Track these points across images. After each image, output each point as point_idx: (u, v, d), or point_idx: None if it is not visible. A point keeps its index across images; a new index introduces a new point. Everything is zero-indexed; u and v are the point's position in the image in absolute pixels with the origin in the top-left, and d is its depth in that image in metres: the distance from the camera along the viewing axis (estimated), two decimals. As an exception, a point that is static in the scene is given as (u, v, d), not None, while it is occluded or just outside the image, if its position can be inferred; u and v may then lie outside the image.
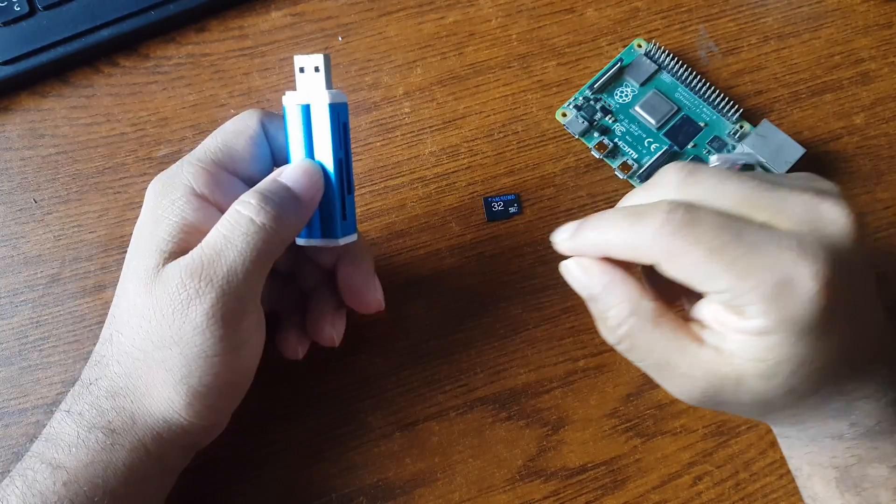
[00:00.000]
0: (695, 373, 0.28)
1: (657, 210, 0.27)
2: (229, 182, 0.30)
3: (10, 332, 0.37)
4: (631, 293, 0.29)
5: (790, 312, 0.25)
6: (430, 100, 0.42)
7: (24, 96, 0.41)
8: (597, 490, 0.35)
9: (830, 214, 0.27)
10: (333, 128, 0.30)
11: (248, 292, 0.28)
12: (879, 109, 0.42)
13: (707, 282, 0.26)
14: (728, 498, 0.35)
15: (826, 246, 0.26)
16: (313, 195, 0.30)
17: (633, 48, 0.42)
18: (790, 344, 0.26)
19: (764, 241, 0.26)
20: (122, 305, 0.29)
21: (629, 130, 0.40)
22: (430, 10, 0.43)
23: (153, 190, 0.30)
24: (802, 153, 0.38)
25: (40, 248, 0.38)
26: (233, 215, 0.28)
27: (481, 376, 0.36)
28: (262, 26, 0.43)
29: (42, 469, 0.28)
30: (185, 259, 0.27)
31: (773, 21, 0.43)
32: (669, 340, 0.28)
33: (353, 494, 0.34)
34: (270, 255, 0.28)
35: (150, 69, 0.42)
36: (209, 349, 0.27)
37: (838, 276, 0.26)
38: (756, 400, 0.28)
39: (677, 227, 0.26)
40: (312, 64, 0.30)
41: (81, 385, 0.29)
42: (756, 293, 0.26)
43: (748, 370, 0.27)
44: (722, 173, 0.28)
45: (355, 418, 0.36)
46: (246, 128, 0.31)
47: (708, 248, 0.26)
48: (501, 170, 0.40)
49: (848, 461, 0.30)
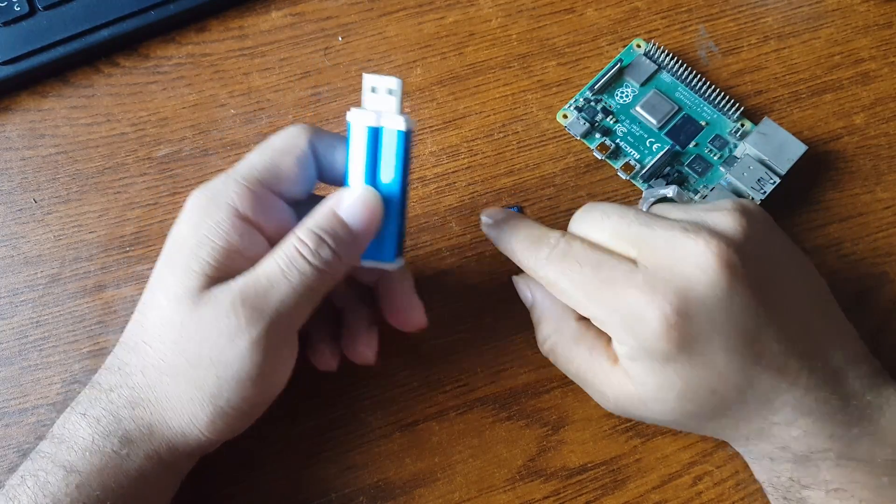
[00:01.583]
0: (605, 390, 0.31)
1: (547, 240, 0.31)
2: (272, 203, 0.29)
3: (10, 332, 0.37)
4: (557, 311, 0.33)
5: (645, 343, 0.28)
6: (430, 100, 0.42)
7: (24, 96, 0.41)
8: (597, 490, 0.35)
9: (686, 249, 0.28)
10: (403, 154, 0.29)
11: (293, 326, 0.29)
12: (879, 109, 0.42)
13: (577, 308, 0.30)
14: (728, 498, 0.35)
15: (675, 280, 0.28)
16: (372, 230, 0.29)
17: (632, 48, 0.42)
18: (658, 370, 0.29)
19: (618, 276, 0.29)
20: (151, 317, 0.29)
21: (630, 131, 0.40)
22: (429, 10, 0.43)
23: (196, 204, 0.29)
24: (804, 150, 0.38)
25: (40, 248, 0.38)
26: (290, 251, 0.28)
27: (481, 376, 0.36)
28: (262, 26, 0.43)
29: (55, 471, 0.28)
30: (236, 285, 0.27)
31: (773, 21, 0.43)
32: (586, 359, 0.32)
33: (353, 494, 0.34)
34: (321, 292, 0.29)
35: (150, 69, 0.42)
36: (245, 374, 0.27)
37: (684, 310, 0.27)
38: (664, 419, 0.31)
39: (554, 259, 0.30)
40: (386, 86, 0.29)
41: (99, 389, 0.29)
42: (612, 323, 0.29)
43: (642, 393, 0.30)
44: (610, 209, 0.31)
45: (355, 418, 0.36)
46: (293, 147, 0.30)
47: (572, 280, 0.30)
48: (501, 170, 0.40)
49: (785, 483, 0.30)
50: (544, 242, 0.31)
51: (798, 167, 0.38)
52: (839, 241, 0.39)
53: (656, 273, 0.28)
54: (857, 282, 0.38)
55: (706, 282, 0.28)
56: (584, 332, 0.32)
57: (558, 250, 0.30)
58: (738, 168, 0.38)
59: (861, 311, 0.32)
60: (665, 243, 0.29)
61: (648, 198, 0.37)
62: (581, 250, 0.30)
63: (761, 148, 0.38)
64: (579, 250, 0.30)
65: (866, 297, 0.38)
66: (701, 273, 0.28)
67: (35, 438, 0.35)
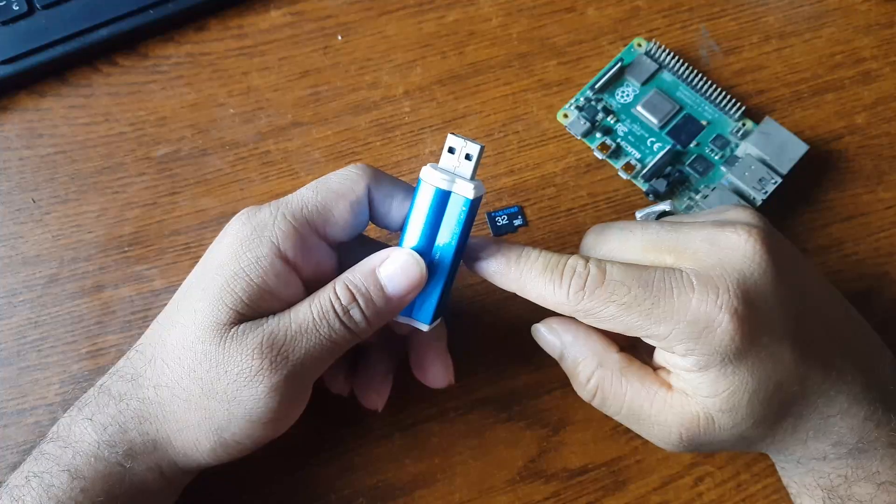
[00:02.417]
0: (667, 418, 0.29)
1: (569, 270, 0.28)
2: (316, 245, 0.29)
3: (9, 333, 0.37)
4: (596, 347, 0.30)
5: (713, 345, 0.27)
6: (430, 99, 0.41)
7: (23, 96, 0.41)
8: (598, 491, 0.35)
9: (729, 242, 0.28)
10: (466, 221, 0.29)
11: (313, 376, 0.29)
12: (881, 109, 0.41)
13: (630, 331, 0.28)
14: (730, 498, 0.34)
15: (728, 274, 0.27)
16: (407, 298, 0.29)
17: (633, 47, 0.42)
18: (730, 373, 0.27)
19: (670, 285, 0.27)
20: (175, 336, 0.28)
21: (631, 130, 0.40)
22: (430, 8, 0.43)
23: (239, 232, 0.28)
24: (806, 150, 0.38)
25: (38, 249, 0.38)
26: (326, 304, 0.28)
27: (481, 377, 0.36)
28: (261, 25, 0.43)
29: (60, 475, 0.28)
30: (268, 327, 0.27)
31: (774, 20, 0.43)
32: (638, 390, 0.29)
33: (353, 495, 0.34)
34: (345, 349, 0.29)
35: (149, 68, 0.42)
36: (256, 416, 0.27)
37: (747, 301, 0.27)
38: (733, 434, 0.28)
39: (590, 289, 0.28)
40: (465, 150, 0.28)
41: (109, 395, 0.29)
42: (675, 335, 0.27)
43: (711, 407, 0.28)
44: (627, 226, 0.30)
45: (355, 418, 0.35)
46: (350, 191, 0.29)
47: (621, 304, 0.27)
48: (502, 169, 0.40)
49: (834, 482, 0.30)
50: (567, 273, 0.28)
51: (799, 167, 0.38)
52: (841, 241, 0.39)
53: (708, 272, 0.27)
54: (859, 282, 0.38)
55: (758, 270, 0.27)
56: (630, 362, 0.30)
57: (593, 277, 0.28)
58: (740, 168, 0.38)
59: (863, 312, 0.32)
60: (704, 243, 0.28)
61: (647, 216, 0.36)
62: (620, 270, 0.28)
63: (763, 147, 0.38)
64: (618, 271, 0.28)
65: (868, 297, 0.38)
66: (750, 262, 0.27)
67: (34, 438, 0.35)
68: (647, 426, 0.29)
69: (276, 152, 0.40)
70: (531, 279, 0.29)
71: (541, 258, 0.29)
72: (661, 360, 0.29)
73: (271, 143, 0.40)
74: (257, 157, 0.40)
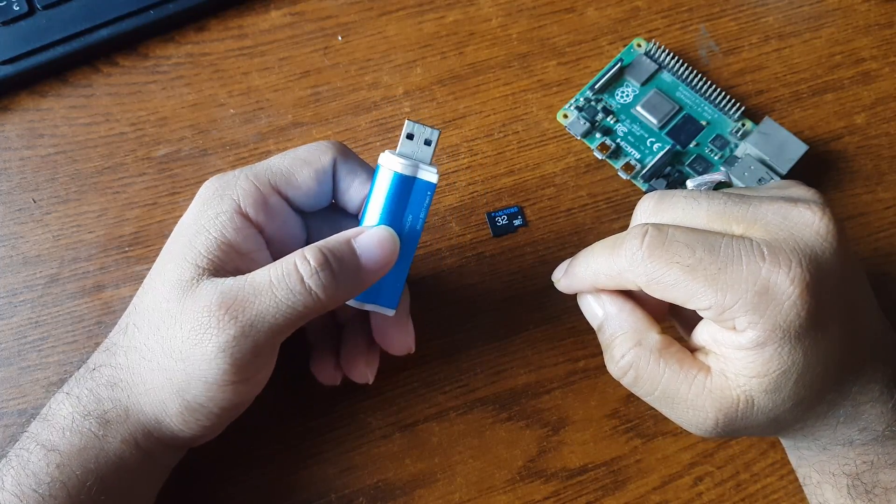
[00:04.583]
0: (704, 403, 0.28)
1: (631, 235, 0.27)
2: (278, 206, 0.29)
3: (9, 333, 0.37)
4: (638, 324, 0.29)
5: (778, 319, 0.26)
6: (430, 99, 0.41)
7: (23, 96, 0.41)
8: (597, 491, 0.35)
9: (802, 218, 0.27)
10: (426, 205, 0.29)
11: (267, 343, 0.27)
12: (880, 109, 0.42)
13: (691, 300, 0.27)
14: (729, 498, 0.34)
15: (801, 248, 0.26)
16: (381, 271, 0.29)
17: (632, 48, 0.42)
18: (787, 352, 0.26)
19: (739, 252, 0.26)
20: (145, 301, 0.29)
21: (631, 130, 0.40)
22: (429, 9, 0.43)
23: (204, 193, 0.29)
24: (805, 150, 0.38)
25: (39, 249, 0.38)
26: (288, 266, 0.27)
27: (481, 376, 0.36)
28: (261, 25, 0.43)
29: (36, 450, 0.28)
30: (223, 285, 0.27)
31: (773, 20, 0.43)
32: (676, 372, 0.28)
33: (353, 495, 0.34)
34: (305, 317, 0.28)
35: (150, 69, 0.42)
36: (210, 377, 0.27)
37: (817, 278, 0.26)
38: (769, 418, 0.28)
39: (652, 250, 0.27)
40: (424, 136, 0.29)
41: (86, 368, 0.30)
42: (740, 305, 0.26)
43: (755, 388, 0.27)
44: (692, 193, 0.29)
45: (355, 418, 0.35)
46: (316, 160, 0.30)
47: (685, 267, 0.26)
48: (501, 170, 0.40)
49: (859, 468, 0.29)
50: (626, 241, 0.27)
51: (799, 167, 0.38)
52: (840, 241, 0.39)
53: (780, 244, 0.26)
54: (859, 282, 0.38)
55: (829, 249, 0.27)
56: (670, 344, 0.29)
57: (653, 239, 0.27)
58: (739, 168, 0.38)
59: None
60: (776, 216, 0.27)
61: (701, 185, 0.35)
62: (685, 234, 0.27)
63: (762, 148, 0.38)
64: (682, 234, 0.27)
65: (867, 297, 0.38)
66: (822, 240, 0.27)
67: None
68: (681, 410, 0.28)
69: (276, 152, 0.40)
70: (596, 255, 0.29)
71: (602, 241, 0.29)
72: (703, 339, 0.28)
73: (271, 143, 0.40)
74: (258, 157, 0.40)
